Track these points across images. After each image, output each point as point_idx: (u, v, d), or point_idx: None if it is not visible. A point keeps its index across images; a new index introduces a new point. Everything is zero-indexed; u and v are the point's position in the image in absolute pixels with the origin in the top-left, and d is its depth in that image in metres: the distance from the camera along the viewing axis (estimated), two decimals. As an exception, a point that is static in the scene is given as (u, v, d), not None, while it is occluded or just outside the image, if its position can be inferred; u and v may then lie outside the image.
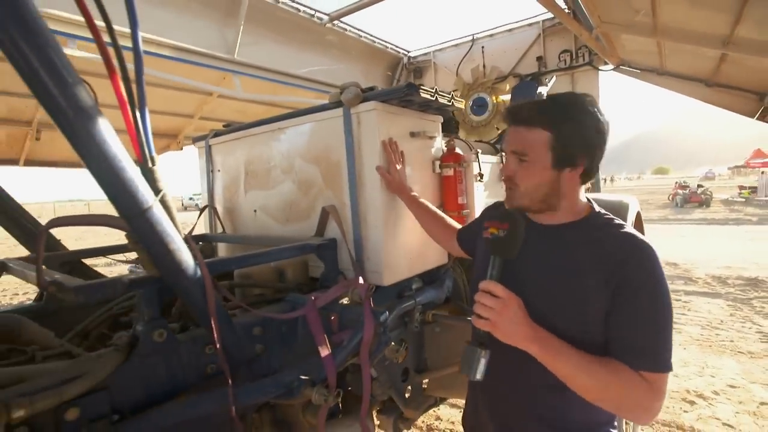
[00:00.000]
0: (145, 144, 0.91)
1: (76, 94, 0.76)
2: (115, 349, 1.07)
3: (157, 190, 0.95)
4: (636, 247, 0.95)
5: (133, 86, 0.87)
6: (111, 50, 0.88)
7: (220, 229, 2.38)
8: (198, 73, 3.22)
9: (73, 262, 1.89)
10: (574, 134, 0.98)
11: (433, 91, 1.76)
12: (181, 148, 4.15)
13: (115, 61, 0.88)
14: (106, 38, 0.87)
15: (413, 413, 2.04)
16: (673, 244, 10.70)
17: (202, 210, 2.45)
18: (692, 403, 3.45)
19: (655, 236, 11.43)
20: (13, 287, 8.23)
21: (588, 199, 1.10)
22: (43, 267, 1.59)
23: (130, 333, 1.15)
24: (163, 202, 0.97)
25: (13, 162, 3.39)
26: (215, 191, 2.45)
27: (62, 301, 1.76)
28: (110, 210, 1.06)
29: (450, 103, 1.88)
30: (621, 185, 69.21)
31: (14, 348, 1.30)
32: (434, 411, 3.34)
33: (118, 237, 1.05)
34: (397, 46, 4.89)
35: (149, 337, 1.12)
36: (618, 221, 1.03)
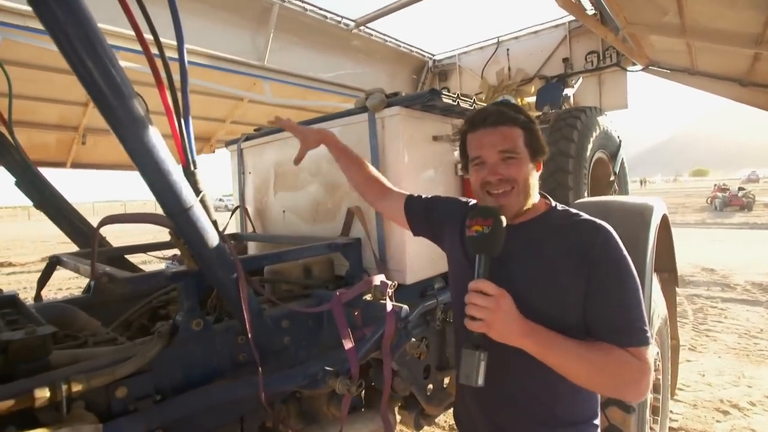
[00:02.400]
0: (188, 149, 1.00)
1: (131, 105, 0.87)
2: (159, 335, 1.17)
3: (198, 191, 1.05)
4: (598, 231, 1.01)
5: (179, 96, 0.97)
6: (158, 63, 0.98)
7: (250, 229, 2.50)
8: (230, 79, 3.38)
9: (118, 257, 2.03)
10: (535, 131, 1.07)
11: (455, 95, 1.81)
12: (214, 151, 4.34)
13: (162, 73, 0.97)
14: (153, 51, 0.98)
15: (434, 410, 2.09)
16: (710, 249, 10.27)
17: (233, 210, 2.58)
18: (726, 413, 3.33)
19: (691, 240, 11.02)
20: (57, 283, 8.73)
21: (543, 195, 1.15)
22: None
23: (170, 322, 1.26)
24: (203, 203, 1.07)
25: (61, 165, 3.64)
26: (246, 192, 2.57)
27: (108, 294, 1.91)
28: (149, 210, 1.17)
29: (472, 107, 1.92)
30: (657, 188, 66.64)
31: (69, 334, 1.43)
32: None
33: (152, 237, 1.15)
34: (422, 50, 4.95)
35: (188, 326, 1.22)
36: (575, 211, 1.09)
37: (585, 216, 1.07)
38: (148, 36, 0.95)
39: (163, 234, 1.22)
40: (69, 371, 0.99)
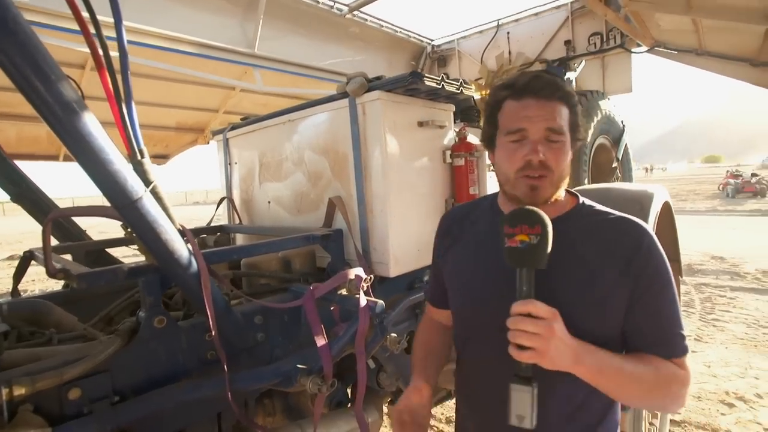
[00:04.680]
0: (132, 137, 0.94)
1: (61, 90, 0.80)
2: (117, 334, 1.12)
3: (147, 182, 0.98)
4: (642, 233, 0.90)
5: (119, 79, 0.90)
6: (101, 46, 0.90)
7: (237, 221, 2.45)
8: (220, 68, 3.30)
9: (98, 251, 1.99)
10: (579, 112, 0.94)
11: (440, 78, 1.72)
12: (208, 142, 4.28)
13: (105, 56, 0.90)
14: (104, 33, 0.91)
15: (423, 405, 2.03)
16: (720, 236, 10.04)
17: (219, 202, 2.53)
18: (731, 405, 3.24)
19: (701, 228, 10.79)
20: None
21: (566, 189, 1.00)
22: (62, 256, 1.69)
23: (133, 320, 1.21)
24: (155, 194, 1.00)
25: (54, 158, 3.61)
26: (233, 183, 2.52)
27: (87, 288, 1.87)
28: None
29: (459, 91, 1.83)
30: (666, 175, 65.52)
31: (36, 330, 1.39)
32: (454, 404, 3.32)
33: None
34: (420, 35, 4.81)
35: (150, 323, 1.17)
36: (605, 208, 0.97)
37: (620, 213, 0.94)
38: (86, 14, 0.88)
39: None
40: (12, 373, 0.94)
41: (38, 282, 8.04)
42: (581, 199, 1.00)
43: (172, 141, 4.27)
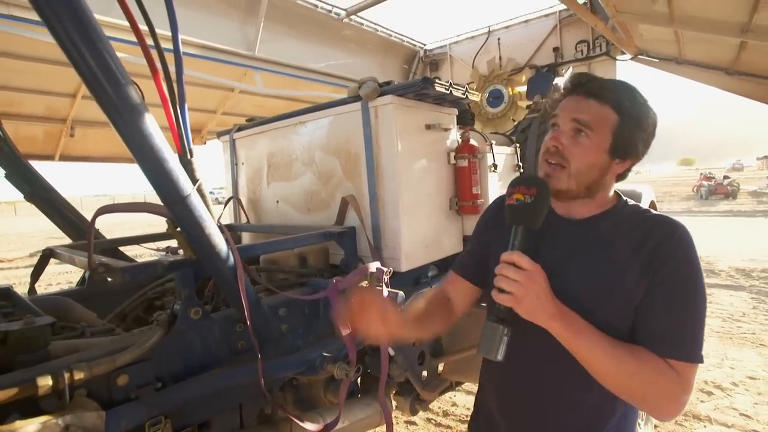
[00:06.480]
0: (184, 137, 1.00)
1: (128, 93, 0.87)
2: (158, 324, 1.18)
3: (194, 180, 1.05)
4: (669, 229, 0.88)
5: (174, 85, 0.97)
6: (153, 53, 0.97)
7: (244, 219, 2.50)
8: (220, 69, 3.34)
9: (112, 249, 2.03)
10: (637, 126, 0.92)
11: (448, 84, 1.82)
12: (205, 143, 4.30)
13: (157, 63, 0.97)
14: (148, 41, 0.97)
15: (429, 395, 2.13)
16: (695, 236, 10.33)
17: (227, 201, 2.57)
18: (710, 393, 3.44)
19: (677, 228, 11.19)
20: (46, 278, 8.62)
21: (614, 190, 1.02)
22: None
23: (169, 311, 1.27)
24: (200, 191, 1.07)
25: (50, 157, 3.58)
26: (239, 183, 2.57)
27: (103, 286, 1.91)
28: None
29: (465, 96, 1.94)
30: (641, 177, 67.45)
31: (66, 325, 1.44)
32: (450, 397, 3.43)
33: (143, 230, 1.15)
34: (413, 40, 4.93)
35: (186, 315, 1.23)
36: (645, 208, 0.96)
37: (658, 213, 0.93)
38: (143, 27, 0.95)
39: (154, 227, 1.21)
40: (70, 360, 1.00)
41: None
42: (623, 199, 1.00)
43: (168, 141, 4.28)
